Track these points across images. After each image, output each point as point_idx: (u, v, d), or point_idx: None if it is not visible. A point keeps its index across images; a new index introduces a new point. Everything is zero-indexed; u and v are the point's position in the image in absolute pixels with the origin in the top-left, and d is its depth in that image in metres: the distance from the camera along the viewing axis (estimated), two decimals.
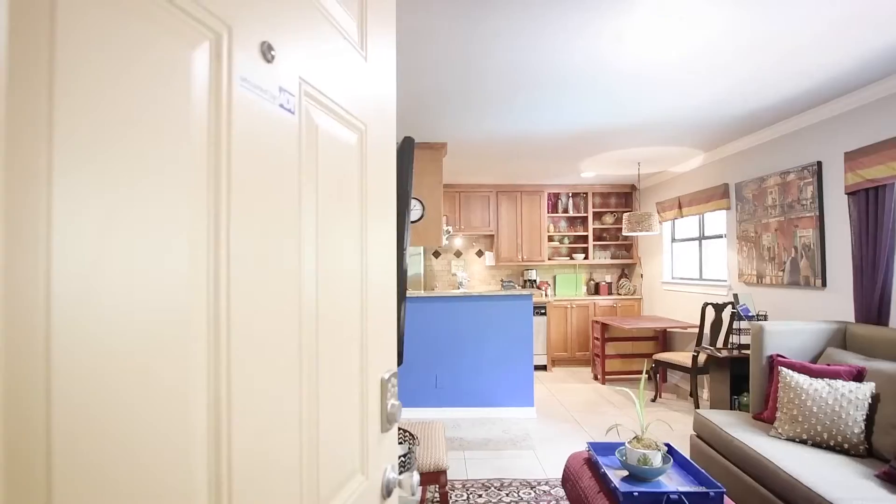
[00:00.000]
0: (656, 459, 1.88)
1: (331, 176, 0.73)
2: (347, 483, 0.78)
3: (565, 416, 4.20)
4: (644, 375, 2.11)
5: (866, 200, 3.02)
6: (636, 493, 1.72)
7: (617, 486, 1.77)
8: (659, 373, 4.87)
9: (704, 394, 4.83)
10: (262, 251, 0.56)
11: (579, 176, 6.06)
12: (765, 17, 2.21)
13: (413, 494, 0.91)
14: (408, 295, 4.10)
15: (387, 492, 0.92)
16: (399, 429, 2.09)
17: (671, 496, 1.71)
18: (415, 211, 4.33)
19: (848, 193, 3.15)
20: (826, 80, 2.92)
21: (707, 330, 4.54)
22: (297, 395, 0.63)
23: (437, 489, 2.80)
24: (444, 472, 2.08)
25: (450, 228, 5.54)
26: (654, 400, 4.81)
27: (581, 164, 5.32)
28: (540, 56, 2.62)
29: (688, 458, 2.04)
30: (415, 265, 5.89)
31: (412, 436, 1.97)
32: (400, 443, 2.07)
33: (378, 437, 0.90)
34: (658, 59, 2.64)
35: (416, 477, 0.91)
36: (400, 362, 1.30)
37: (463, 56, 2.64)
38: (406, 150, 1.16)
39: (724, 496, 1.74)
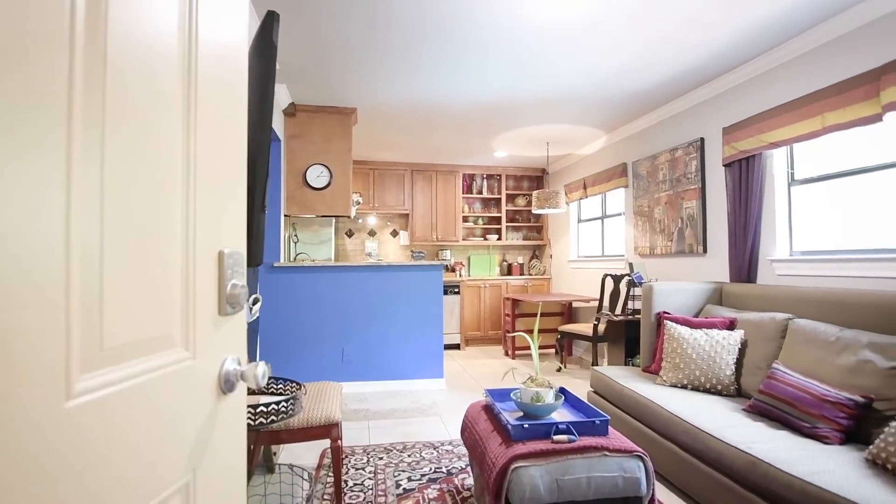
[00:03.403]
0: (548, 396, 1.90)
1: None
2: (158, 351, 0.65)
3: (474, 387, 4.23)
4: (538, 316, 2.13)
5: (739, 171, 3.31)
6: (526, 426, 1.72)
7: (509, 421, 1.76)
8: (565, 345, 5.07)
9: (605, 362, 5.11)
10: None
11: (493, 156, 6.15)
12: None
13: (258, 386, 0.80)
14: (314, 264, 3.91)
15: (227, 385, 0.80)
16: (286, 380, 1.94)
17: (559, 426, 1.73)
18: (321, 178, 4.13)
19: (725, 165, 3.44)
20: (708, 56, 3.16)
21: (607, 301, 4.79)
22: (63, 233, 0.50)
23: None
24: (337, 424, 1.96)
25: (359, 199, 5.37)
26: (559, 370, 5.00)
27: (493, 141, 5.39)
28: (442, 5, 2.57)
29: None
30: (326, 246, 5.65)
31: (298, 385, 1.83)
32: (283, 392, 1.92)
33: (213, 318, 0.77)
34: (559, 15, 2.68)
35: (261, 367, 0.80)
36: (253, 262, 1.17)
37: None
38: (267, 31, 1.01)
39: (608, 424, 1.79)
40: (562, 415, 1.96)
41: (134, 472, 0.59)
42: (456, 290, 6.17)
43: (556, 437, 1.69)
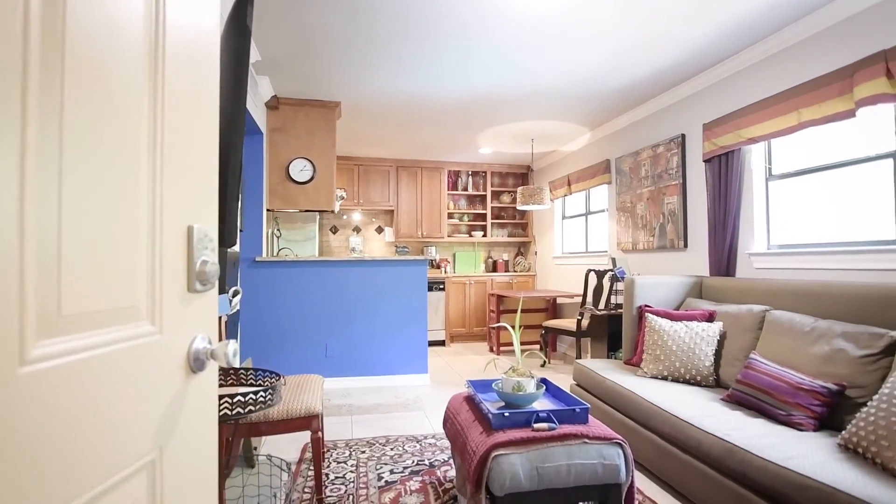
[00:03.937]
0: (530, 386, 1.90)
1: None
2: (123, 324, 0.63)
3: (458, 382, 4.23)
4: (520, 307, 2.14)
5: (719, 166, 3.36)
6: (507, 414, 1.72)
7: (490, 410, 1.76)
8: (549, 341, 5.10)
9: (588, 357, 5.15)
10: None
11: (478, 152, 6.15)
12: None
13: (228, 364, 0.78)
14: (297, 259, 3.87)
15: (196, 363, 0.78)
16: (265, 371, 1.91)
17: (540, 414, 1.73)
18: (304, 172, 4.09)
19: (705, 161, 3.49)
20: (689, 53, 3.20)
21: (590, 297, 4.82)
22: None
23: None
24: (317, 416, 1.94)
25: (343, 194, 5.33)
26: (543, 365, 5.03)
27: (478, 137, 5.39)
28: None
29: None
30: (310, 243, 5.60)
31: (277, 375, 1.81)
32: (260, 383, 1.89)
33: (182, 294, 0.76)
34: (544, 10, 2.69)
35: (232, 346, 0.79)
36: (225, 243, 1.15)
37: None
38: (241, 11, 0.99)
39: (588, 413, 1.80)
40: (543, 404, 1.97)
41: (96, 443, 0.57)
42: (441, 286, 6.17)
43: (536, 426, 1.70)
